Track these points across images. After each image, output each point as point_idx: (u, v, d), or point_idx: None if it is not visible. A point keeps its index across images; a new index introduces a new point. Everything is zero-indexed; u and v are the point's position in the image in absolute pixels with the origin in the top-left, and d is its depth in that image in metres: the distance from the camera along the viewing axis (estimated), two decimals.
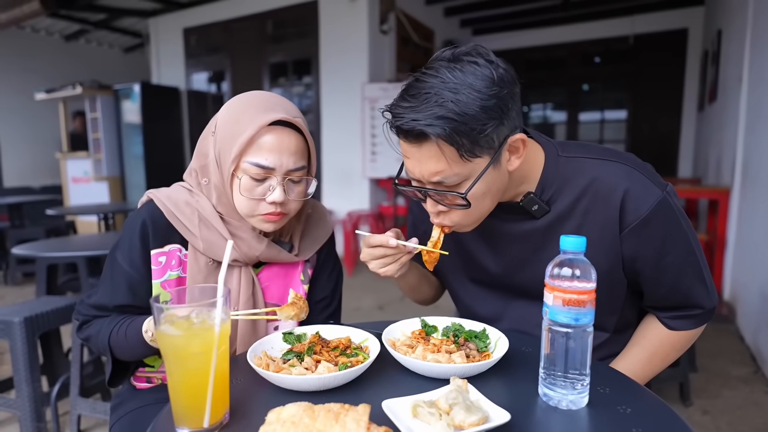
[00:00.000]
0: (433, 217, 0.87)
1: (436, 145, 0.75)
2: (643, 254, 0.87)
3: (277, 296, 1.01)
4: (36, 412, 1.87)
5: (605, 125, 7.07)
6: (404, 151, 0.81)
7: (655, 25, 6.25)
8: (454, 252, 1.02)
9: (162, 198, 0.94)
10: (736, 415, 2.03)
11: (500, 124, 0.76)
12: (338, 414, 0.57)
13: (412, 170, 0.81)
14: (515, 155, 0.83)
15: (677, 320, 0.94)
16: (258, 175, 0.86)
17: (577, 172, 0.88)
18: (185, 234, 0.93)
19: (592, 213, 0.87)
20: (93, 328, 0.94)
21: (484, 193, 0.81)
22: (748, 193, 3.01)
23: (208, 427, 0.63)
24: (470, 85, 0.73)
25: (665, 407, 0.68)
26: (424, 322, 0.92)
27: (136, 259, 0.92)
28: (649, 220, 0.84)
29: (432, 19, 6.12)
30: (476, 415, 0.60)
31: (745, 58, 3.20)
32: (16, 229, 4.51)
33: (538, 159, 0.89)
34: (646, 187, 0.84)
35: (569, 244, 0.68)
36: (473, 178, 0.78)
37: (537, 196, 0.89)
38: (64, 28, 6.90)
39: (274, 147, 0.86)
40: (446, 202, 0.82)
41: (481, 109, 0.73)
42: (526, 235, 0.92)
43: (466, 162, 0.76)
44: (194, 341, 0.62)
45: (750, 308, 2.76)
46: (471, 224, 0.88)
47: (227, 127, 0.88)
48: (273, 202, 0.87)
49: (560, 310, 0.68)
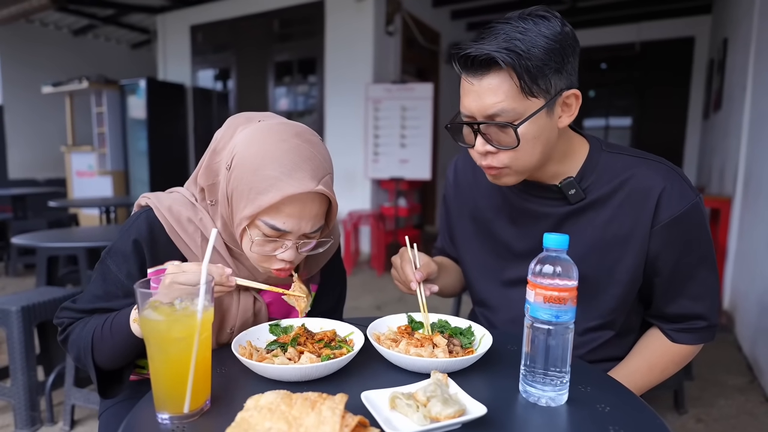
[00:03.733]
0: (480, 159, 0.88)
1: (498, 77, 0.80)
2: (667, 252, 0.90)
3: (281, 314, 0.97)
4: (30, 401, 1.89)
5: (610, 132, 7.06)
6: (464, 87, 0.84)
7: (662, 33, 6.25)
8: (470, 232, 1.09)
9: (163, 210, 0.87)
10: (730, 424, 2.02)
11: (559, 72, 0.81)
12: (315, 402, 0.58)
13: (468, 106, 0.84)
14: (567, 113, 0.86)
15: (681, 333, 0.95)
16: (272, 235, 0.81)
17: (617, 166, 0.91)
18: (186, 253, 0.88)
19: (627, 206, 0.90)
20: (75, 327, 0.88)
21: (534, 138, 0.83)
22: (750, 202, 3.00)
23: (188, 412, 0.63)
24: (538, 31, 0.79)
25: (645, 408, 0.69)
26: (411, 318, 0.92)
27: (134, 273, 0.86)
28: (681, 219, 0.87)
29: (438, 21, 6.13)
30: (453, 408, 0.60)
31: (750, 67, 3.19)
32: (19, 220, 4.54)
33: (582, 148, 0.94)
34: (682, 189, 0.88)
35: (552, 242, 0.69)
36: (525, 116, 0.81)
37: (576, 182, 0.92)
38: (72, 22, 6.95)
39: (294, 213, 0.80)
40: (496, 141, 0.84)
41: (545, 51, 0.78)
42: (559, 218, 0.95)
43: (523, 99, 0.80)
44: (176, 327, 0.63)
45: (748, 318, 2.74)
46: (515, 173, 0.88)
47: (246, 174, 0.79)
48: (283, 260, 0.84)
49: (541, 307, 0.68)
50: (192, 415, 0.64)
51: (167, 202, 0.89)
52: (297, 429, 0.54)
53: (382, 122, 4.94)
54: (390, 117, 4.91)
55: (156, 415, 0.64)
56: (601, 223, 0.92)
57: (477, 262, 1.10)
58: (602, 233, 0.92)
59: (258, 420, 0.56)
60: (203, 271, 0.65)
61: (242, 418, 0.57)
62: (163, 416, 0.64)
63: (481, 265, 1.10)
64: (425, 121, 4.86)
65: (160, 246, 0.87)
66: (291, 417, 0.56)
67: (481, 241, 1.08)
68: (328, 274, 1.05)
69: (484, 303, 1.11)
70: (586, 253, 0.92)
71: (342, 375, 0.76)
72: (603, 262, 0.93)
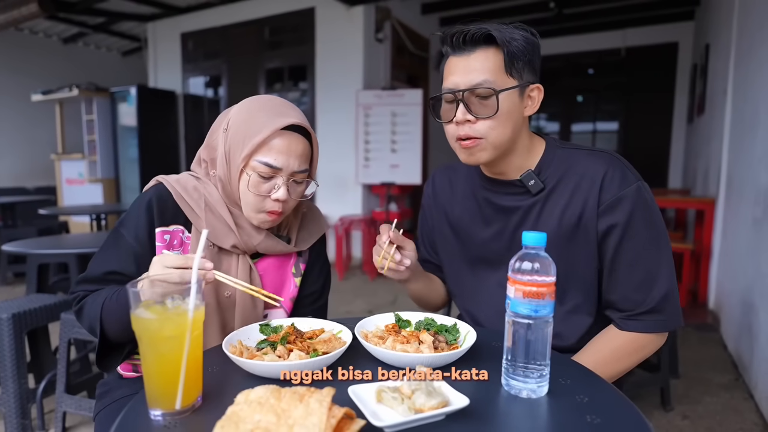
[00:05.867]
0: (458, 130, 0.97)
1: (485, 53, 0.93)
2: (610, 236, 0.95)
3: (272, 287, 1.05)
4: (21, 409, 1.88)
5: (597, 136, 7.16)
6: (450, 67, 0.96)
7: (646, 39, 6.37)
8: (450, 236, 1.17)
9: (171, 181, 0.99)
10: (715, 421, 2.06)
11: (530, 64, 0.95)
12: (303, 395, 0.60)
13: (454, 81, 0.95)
14: (531, 104, 0.99)
15: (627, 320, 0.97)
16: (266, 173, 0.93)
17: (570, 159, 1.01)
18: (191, 216, 0.98)
19: (577, 193, 0.98)
20: (89, 298, 0.94)
21: (508, 113, 0.95)
22: (732, 203, 3.07)
23: (180, 409, 0.65)
24: (515, 30, 0.94)
25: (623, 399, 0.71)
26: (398, 317, 0.95)
27: (142, 235, 0.96)
28: (621, 199, 0.94)
29: (427, 28, 6.20)
30: (436, 399, 0.63)
31: (730, 72, 3.27)
32: (8, 228, 4.51)
33: (540, 145, 1.05)
34: (624, 173, 0.96)
35: (530, 239, 0.72)
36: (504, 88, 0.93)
37: (535, 174, 1.01)
38: (62, 30, 6.93)
39: (283, 149, 0.93)
40: (476, 111, 0.94)
41: (522, 42, 0.93)
42: (525, 210, 1.03)
43: (504, 75, 0.93)
44: (168, 325, 0.65)
45: (732, 317, 2.80)
46: (490, 146, 0.97)
47: (241, 126, 0.94)
48: (277, 200, 0.94)
49: (521, 302, 0.71)
50: (184, 412, 0.66)
51: (175, 176, 1.02)
52: (286, 420, 0.56)
53: (373, 128, 4.98)
54: (380, 123, 4.96)
55: (149, 412, 0.66)
56: (558, 212, 0.98)
57: (458, 264, 1.16)
58: (560, 221, 0.98)
59: (248, 413, 0.58)
60: (194, 269, 0.67)
61: (233, 412, 0.59)
62: (156, 413, 0.65)
63: (462, 268, 1.15)
64: (415, 126, 4.91)
65: (168, 210, 0.98)
66: (280, 409, 0.58)
67: (461, 245, 1.14)
68: (315, 255, 1.15)
69: (468, 306, 1.16)
70: (551, 240, 0.96)
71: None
72: (566, 249, 0.98)
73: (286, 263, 1.08)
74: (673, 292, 0.95)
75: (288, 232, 1.08)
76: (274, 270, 1.06)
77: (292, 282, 1.08)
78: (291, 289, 1.08)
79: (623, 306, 0.97)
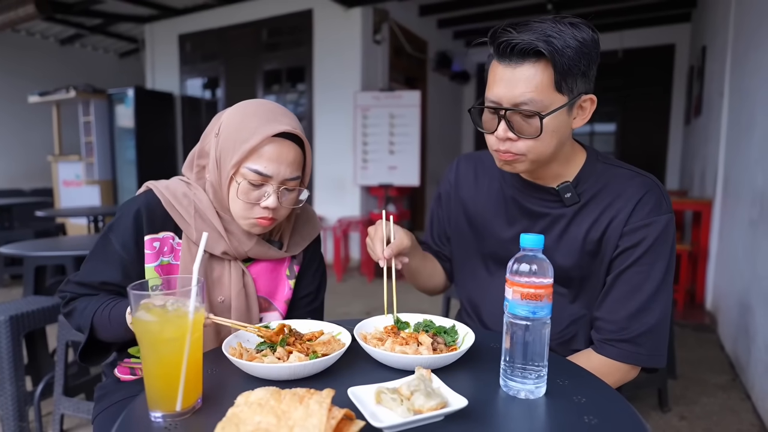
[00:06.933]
0: (498, 145, 0.92)
1: (533, 68, 0.84)
2: (626, 254, 0.94)
3: (266, 290, 1.05)
4: (19, 411, 1.88)
5: (595, 137, 7.18)
6: (496, 75, 0.88)
7: (643, 41, 6.39)
8: (466, 228, 1.14)
9: (161, 188, 0.98)
10: (712, 421, 2.07)
11: (584, 76, 0.87)
12: (303, 397, 0.60)
13: (497, 93, 0.88)
14: (581, 115, 0.92)
15: (604, 344, 0.95)
16: (256, 180, 0.91)
17: (609, 176, 0.98)
18: (180, 223, 0.97)
19: (609, 209, 0.95)
20: (80, 303, 0.95)
21: (553, 131, 0.88)
22: (729, 204, 3.09)
23: (180, 410, 0.65)
24: (572, 34, 0.84)
25: (619, 398, 0.72)
26: (397, 318, 0.95)
27: (129, 243, 0.95)
28: (648, 225, 0.92)
29: (425, 30, 6.22)
30: (435, 400, 0.63)
31: (726, 74, 3.29)
32: (5, 230, 4.50)
33: (581, 155, 1.00)
34: (659, 202, 0.94)
35: (528, 241, 0.72)
36: (551, 109, 0.86)
37: (573, 186, 0.98)
38: (59, 32, 6.93)
39: (273, 157, 0.91)
40: (518, 129, 0.88)
41: (576, 52, 0.84)
42: (553, 218, 1.00)
43: (552, 92, 0.85)
44: (168, 328, 0.65)
45: (729, 318, 2.81)
46: (530, 161, 0.92)
47: (232, 132, 0.92)
48: (266, 208, 0.93)
49: (519, 304, 0.71)
50: (184, 413, 0.66)
51: (165, 183, 1.00)
52: (286, 422, 0.57)
53: (371, 129, 4.99)
54: (378, 124, 4.96)
55: (149, 414, 0.66)
56: (587, 226, 0.97)
57: (470, 257, 1.14)
58: (587, 235, 0.97)
59: (248, 414, 0.58)
60: (194, 272, 0.68)
61: (233, 413, 0.59)
62: (156, 414, 0.66)
63: (474, 261, 1.13)
64: (413, 128, 4.92)
65: (157, 217, 0.97)
66: (280, 411, 0.58)
67: (476, 239, 1.12)
68: (310, 256, 1.14)
69: (473, 300, 1.14)
70: (573, 251, 0.98)
71: (329, 373, 0.78)
72: (587, 262, 0.98)
73: (279, 266, 1.07)
74: (658, 329, 0.93)
75: (280, 236, 1.07)
76: (268, 273, 1.06)
77: (286, 284, 1.07)
78: (285, 292, 1.07)
79: (605, 327, 0.95)
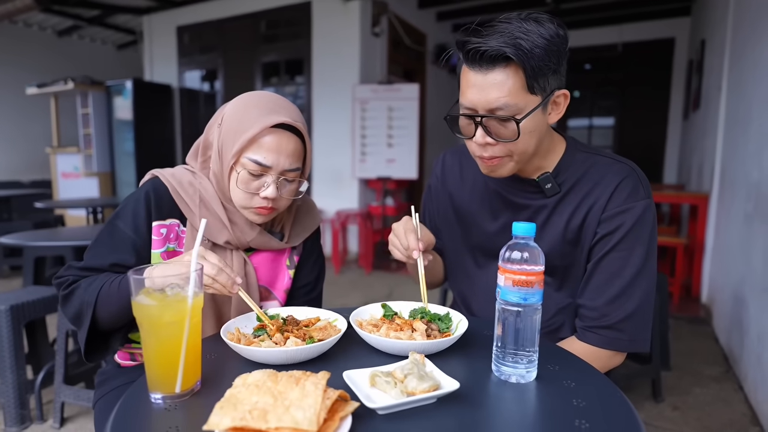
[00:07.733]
0: (479, 150, 0.93)
1: (503, 73, 0.85)
2: (604, 240, 0.95)
3: (266, 279, 1.07)
4: (20, 399, 1.90)
5: (593, 131, 7.19)
6: (468, 81, 0.88)
7: (643, 34, 6.39)
8: (453, 220, 1.16)
9: (167, 175, 1.00)
10: (705, 412, 2.10)
11: (555, 73, 0.88)
12: (299, 379, 0.62)
13: (471, 99, 0.88)
14: (556, 110, 0.93)
15: (586, 331, 0.96)
16: (255, 170, 0.93)
17: (588, 165, 0.99)
18: (185, 211, 0.99)
19: (588, 197, 0.97)
20: (84, 281, 0.92)
21: (531, 132, 0.90)
22: (725, 198, 3.10)
23: (180, 392, 0.67)
24: (539, 32, 0.83)
25: (607, 382, 0.74)
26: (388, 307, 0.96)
27: (141, 226, 0.96)
28: (625, 211, 0.93)
29: (424, 23, 6.20)
30: (427, 383, 0.65)
31: (725, 68, 3.30)
32: (4, 222, 4.50)
33: (560, 146, 1.01)
34: (636, 187, 0.95)
35: (520, 229, 0.74)
36: (526, 112, 0.87)
37: (552, 177, 0.99)
38: (57, 23, 6.90)
39: (273, 147, 0.92)
40: (496, 134, 0.90)
41: (546, 51, 0.84)
42: (535, 209, 1.02)
43: (525, 95, 0.86)
44: (168, 312, 0.67)
45: (724, 311, 2.84)
46: (513, 162, 0.94)
47: (233, 122, 0.94)
48: (266, 198, 0.94)
49: (510, 290, 0.73)
50: (183, 395, 0.68)
51: (170, 170, 1.02)
52: (282, 402, 0.59)
53: (369, 122, 4.99)
54: (377, 117, 4.96)
55: (149, 396, 0.68)
56: (567, 215, 0.99)
57: (458, 251, 1.17)
58: (568, 224, 0.99)
59: (246, 395, 0.60)
60: (193, 257, 0.69)
61: (231, 394, 0.61)
62: (156, 396, 0.67)
63: (462, 254, 1.16)
64: (412, 121, 4.92)
65: (164, 203, 0.99)
66: (276, 392, 0.60)
67: (464, 231, 1.15)
68: (309, 247, 1.16)
69: (463, 292, 1.17)
70: (556, 241, 1.00)
71: (325, 358, 0.80)
72: (569, 250, 1.00)
73: (280, 256, 1.10)
74: (640, 314, 0.93)
75: (282, 227, 1.09)
76: (268, 263, 1.08)
77: (286, 274, 1.10)
78: (285, 281, 1.09)
79: (586, 314, 0.96)
